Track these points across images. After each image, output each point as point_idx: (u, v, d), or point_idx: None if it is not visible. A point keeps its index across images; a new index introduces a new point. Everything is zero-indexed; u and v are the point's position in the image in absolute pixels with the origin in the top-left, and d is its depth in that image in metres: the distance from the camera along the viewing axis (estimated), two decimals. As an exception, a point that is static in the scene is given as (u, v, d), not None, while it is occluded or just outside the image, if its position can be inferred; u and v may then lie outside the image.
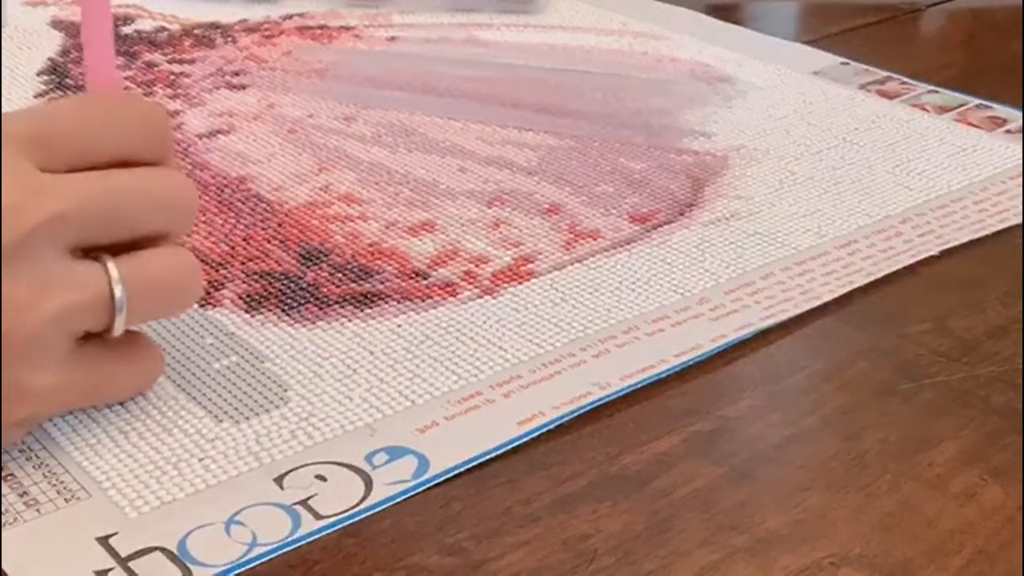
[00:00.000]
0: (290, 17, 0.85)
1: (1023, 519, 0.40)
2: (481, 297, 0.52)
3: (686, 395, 0.47)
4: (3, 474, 0.42)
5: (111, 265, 0.40)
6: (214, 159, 0.65)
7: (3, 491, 0.41)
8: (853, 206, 0.60)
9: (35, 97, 0.72)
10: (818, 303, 0.52)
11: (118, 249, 0.41)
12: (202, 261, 0.55)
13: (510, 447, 0.43)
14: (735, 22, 0.86)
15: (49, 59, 0.78)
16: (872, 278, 0.54)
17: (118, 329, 0.41)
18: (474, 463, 0.43)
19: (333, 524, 0.40)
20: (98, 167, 0.41)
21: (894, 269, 0.55)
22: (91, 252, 0.41)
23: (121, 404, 0.45)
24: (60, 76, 0.75)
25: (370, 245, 0.56)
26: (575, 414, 0.45)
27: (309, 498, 0.41)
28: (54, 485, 0.41)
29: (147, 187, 0.42)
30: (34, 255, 0.39)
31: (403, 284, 0.53)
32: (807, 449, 0.44)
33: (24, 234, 0.38)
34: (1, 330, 0.38)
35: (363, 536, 0.40)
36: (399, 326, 0.50)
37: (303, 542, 0.39)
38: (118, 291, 0.40)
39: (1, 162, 0.38)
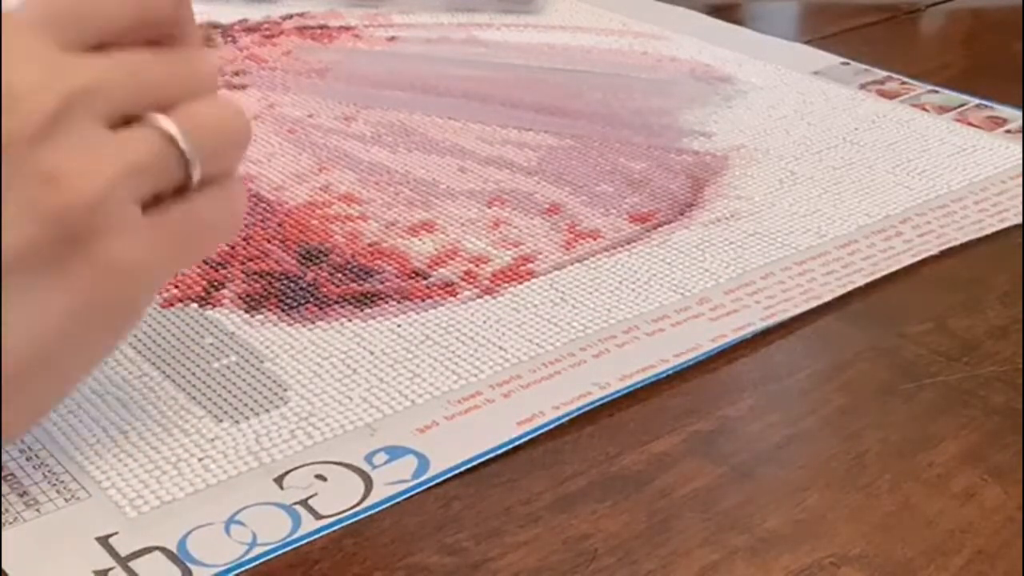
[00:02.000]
0: (290, 17, 0.85)
1: (1023, 519, 0.40)
2: (481, 297, 0.52)
3: (686, 395, 0.47)
4: (3, 474, 0.42)
5: (163, 121, 0.38)
6: (214, 159, 0.65)
7: (3, 491, 0.41)
8: (853, 206, 0.60)
9: (35, 97, 0.72)
10: (818, 303, 0.52)
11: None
12: (202, 261, 0.55)
13: (510, 447, 0.43)
14: (735, 22, 0.86)
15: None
16: (872, 278, 0.54)
17: (195, 184, 0.39)
18: (474, 463, 0.43)
19: (333, 524, 0.40)
20: (118, 39, 0.39)
21: (894, 269, 0.54)
22: (131, 121, 0.38)
23: (122, 404, 0.45)
24: (60, 76, 0.75)
25: (370, 245, 0.56)
26: (575, 414, 0.45)
27: (309, 498, 0.41)
28: (54, 485, 0.41)
29: (171, 56, 0.40)
30: (73, 128, 0.36)
31: (403, 284, 0.53)
32: (807, 449, 0.44)
33: (56, 107, 0.36)
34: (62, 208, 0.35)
35: (363, 536, 0.40)
36: (399, 326, 0.50)
37: (303, 542, 0.39)
38: (185, 144, 0.38)
39: (17, 44, 0.36)
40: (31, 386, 0.37)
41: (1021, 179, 0.62)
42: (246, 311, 0.51)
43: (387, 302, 0.52)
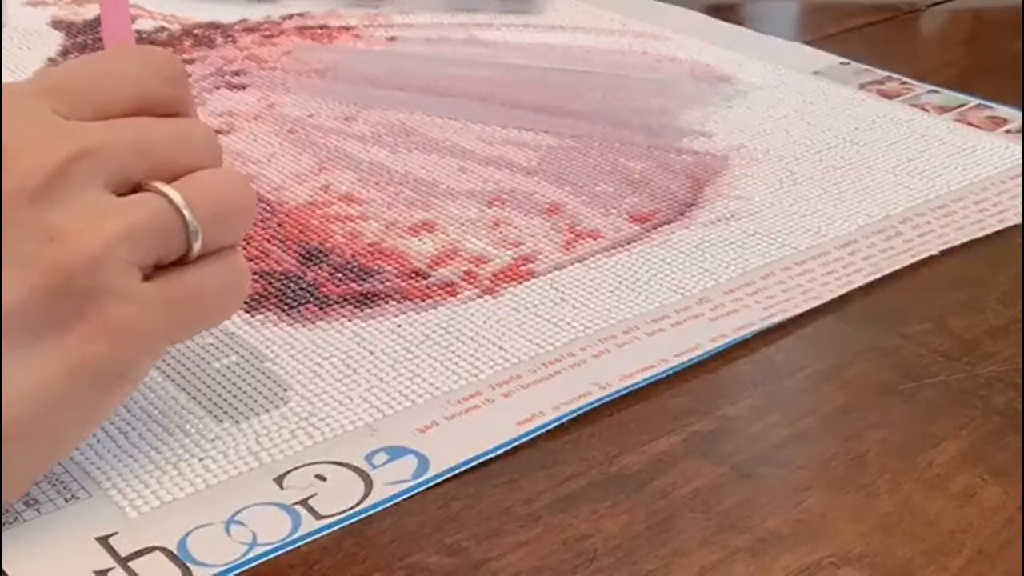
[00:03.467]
0: (290, 17, 0.85)
1: (1023, 519, 0.40)
2: (481, 297, 0.52)
3: (686, 395, 0.47)
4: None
5: (166, 188, 0.38)
6: (214, 159, 0.65)
7: (3, 491, 0.41)
8: (853, 206, 0.60)
9: (35, 97, 0.72)
10: (818, 303, 0.52)
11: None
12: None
13: (510, 447, 0.43)
14: (735, 22, 0.86)
15: (49, 59, 0.78)
16: (872, 278, 0.54)
17: (193, 255, 0.39)
18: (474, 463, 0.43)
19: (333, 524, 0.40)
20: (118, 116, 0.40)
21: (894, 269, 0.55)
22: (136, 189, 0.39)
23: (122, 404, 0.45)
24: (60, 76, 0.75)
25: (370, 245, 0.56)
26: (575, 414, 0.45)
27: (309, 498, 0.41)
28: (54, 485, 0.41)
29: (173, 126, 0.41)
30: (75, 188, 0.36)
31: (403, 284, 0.53)
32: (807, 449, 0.44)
33: (58, 165, 0.36)
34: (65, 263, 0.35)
35: (363, 536, 0.40)
36: (399, 326, 0.50)
37: (303, 542, 0.39)
38: (187, 213, 0.38)
39: (19, 107, 0.37)
40: (26, 445, 0.37)
41: (1021, 179, 0.62)
42: (246, 311, 0.51)
43: (387, 302, 0.52)
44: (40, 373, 0.36)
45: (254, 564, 0.38)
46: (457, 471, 0.42)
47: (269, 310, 0.51)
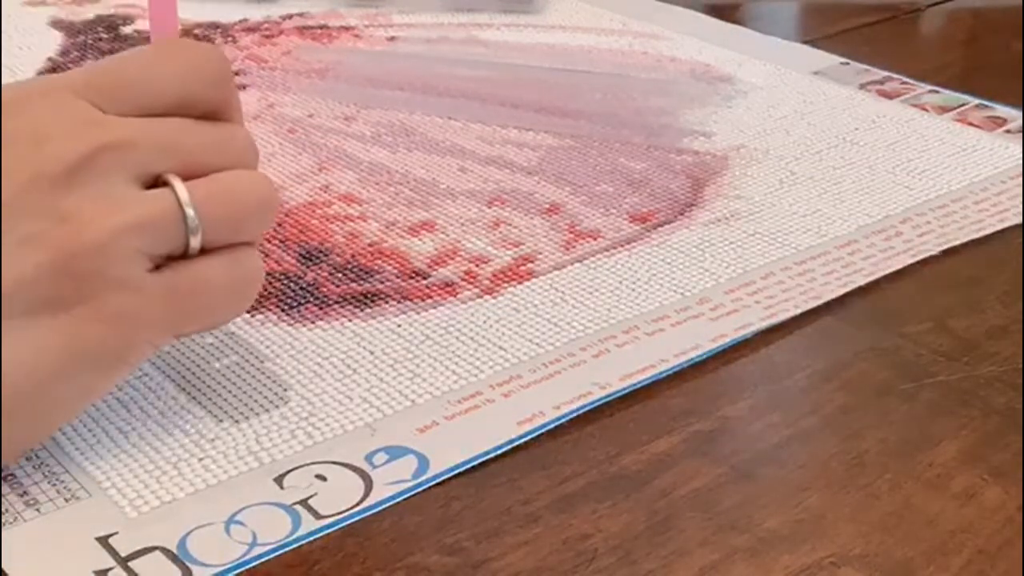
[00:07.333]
0: (290, 17, 0.85)
1: (1023, 519, 0.40)
2: (481, 297, 0.52)
3: (686, 395, 0.47)
4: (3, 474, 0.42)
5: (179, 184, 0.39)
6: (214, 159, 0.65)
7: (3, 491, 0.41)
8: (853, 206, 0.60)
9: (35, 97, 0.72)
10: (818, 303, 0.52)
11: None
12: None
13: (510, 447, 0.43)
14: (735, 22, 0.86)
15: (49, 59, 0.78)
16: (872, 278, 0.54)
17: (193, 251, 0.40)
18: (474, 463, 0.43)
19: (333, 524, 0.40)
20: (159, 114, 0.41)
21: (894, 269, 0.55)
22: (159, 181, 0.40)
23: (122, 404, 0.45)
24: (60, 76, 0.75)
25: (370, 245, 0.56)
26: (575, 414, 0.45)
27: (309, 498, 0.41)
28: (54, 485, 0.41)
29: (211, 130, 0.42)
30: (98, 178, 0.38)
31: (403, 284, 0.53)
32: (807, 449, 0.44)
33: (84, 154, 0.38)
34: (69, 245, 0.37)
35: (363, 536, 0.40)
36: (399, 326, 0.50)
37: (303, 542, 0.39)
38: (189, 210, 0.39)
39: (55, 98, 0.39)
40: (17, 419, 0.38)
41: (1021, 179, 0.62)
42: (246, 311, 0.51)
43: (387, 302, 0.52)
44: (39, 347, 0.37)
45: (254, 564, 0.38)
46: (457, 471, 0.42)
47: (269, 310, 0.51)
